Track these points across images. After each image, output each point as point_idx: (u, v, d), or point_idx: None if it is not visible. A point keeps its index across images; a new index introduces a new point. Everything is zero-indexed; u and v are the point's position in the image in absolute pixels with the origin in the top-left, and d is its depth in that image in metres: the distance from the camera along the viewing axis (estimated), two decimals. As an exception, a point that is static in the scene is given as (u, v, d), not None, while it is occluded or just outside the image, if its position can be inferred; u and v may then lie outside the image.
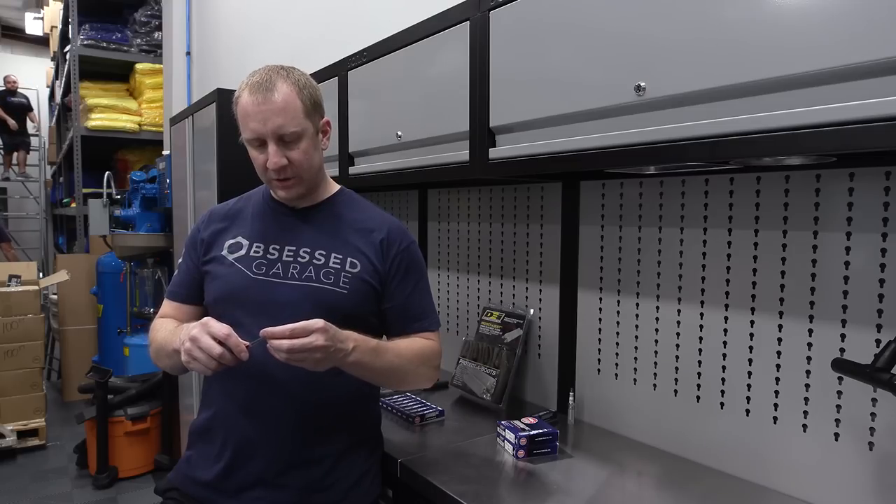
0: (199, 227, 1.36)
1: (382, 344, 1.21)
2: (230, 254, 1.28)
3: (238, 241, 1.29)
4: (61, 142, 7.55)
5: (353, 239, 1.28)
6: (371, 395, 1.34)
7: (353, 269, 1.25)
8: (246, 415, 1.22)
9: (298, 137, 1.19)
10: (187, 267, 1.34)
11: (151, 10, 5.90)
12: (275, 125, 1.16)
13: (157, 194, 3.74)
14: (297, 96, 1.19)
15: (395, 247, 1.29)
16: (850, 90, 0.76)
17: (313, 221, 1.31)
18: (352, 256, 1.26)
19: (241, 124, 1.21)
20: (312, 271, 1.24)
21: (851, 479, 1.08)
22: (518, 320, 1.73)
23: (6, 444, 3.70)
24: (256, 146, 1.21)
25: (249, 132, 1.19)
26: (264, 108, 1.16)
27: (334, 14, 2.78)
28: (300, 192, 1.26)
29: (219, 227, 1.33)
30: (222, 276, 1.26)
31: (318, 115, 1.25)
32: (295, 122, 1.18)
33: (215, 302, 1.28)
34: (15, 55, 11.16)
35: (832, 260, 1.10)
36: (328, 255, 1.25)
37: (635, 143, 1.02)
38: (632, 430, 1.47)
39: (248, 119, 1.18)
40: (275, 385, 1.20)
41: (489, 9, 1.32)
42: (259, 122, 1.16)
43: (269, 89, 1.17)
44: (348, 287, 1.23)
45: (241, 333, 1.12)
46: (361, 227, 1.30)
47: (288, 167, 1.20)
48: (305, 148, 1.21)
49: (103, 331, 4.55)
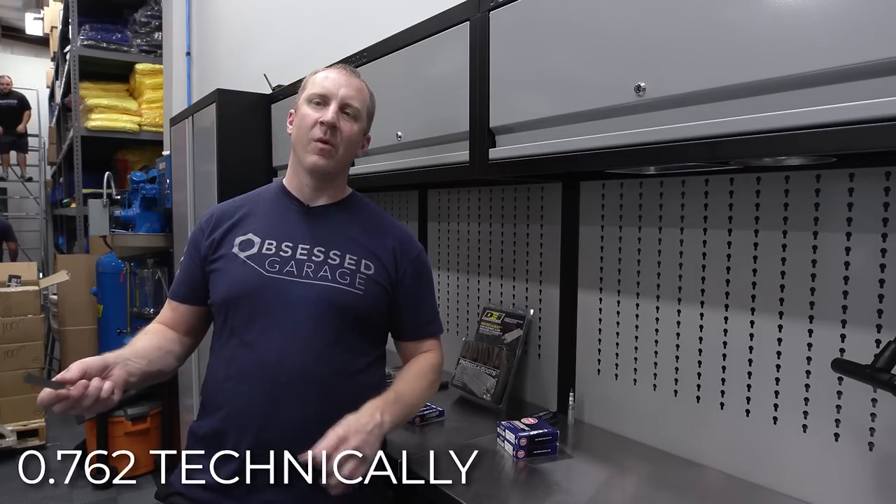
0: (202, 227, 1.34)
1: (398, 389, 1.23)
2: (241, 251, 1.25)
3: (249, 239, 1.27)
4: (61, 142, 7.55)
5: (367, 242, 1.29)
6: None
7: (368, 270, 1.26)
8: (261, 416, 1.19)
9: (355, 118, 1.28)
10: (188, 267, 1.33)
11: (151, 10, 5.91)
12: (346, 94, 1.26)
13: (157, 194, 3.74)
14: (368, 95, 1.33)
15: (408, 256, 1.32)
16: (851, 90, 0.76)
17: (327, 220, 1.31)
18: (366, 259, 1.27)
19: (311, 84, 1.29)
20: (328, 271, 1.23)
21: (851, 479, 1.08)
22: (518, 320, 1.73)
23: (6, 445, 3.70)
24: (316, 104, 1.26)
25: (319, 89, 1.26)
26: (344, 80, 1.27)
27: (334, 14, 2.78)
28: (328, 164, 1.26)
29: (227, 224, 1.30)
30: (233, 275, 1.24)
31: (369, 122, 1.36)
32: (361, 104, 1.29)
33: (224, 301, 1.24)
34: (15, 55, 11.17)
35: (832, 260, 1.10)
36: (342, 256, 1.26)
37: (635, 143, 1.02)
38: (632, 430, 1.47)
39: (325, 80, 1.27)
40: (290, 387, 1.18)
41: (489, 9, 1.32)
42: (335, 85, 1.26)
43: (355, 74, 1.32)
44: (363, 288, 1.24)
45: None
46: (374, 231, 1.32)
47: (336, 132, 1.25)
48: (355, 131, 1.28)
49: (103, 331, 4.55)
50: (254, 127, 2.46)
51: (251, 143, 2.45)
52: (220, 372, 1.24)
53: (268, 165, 2.47)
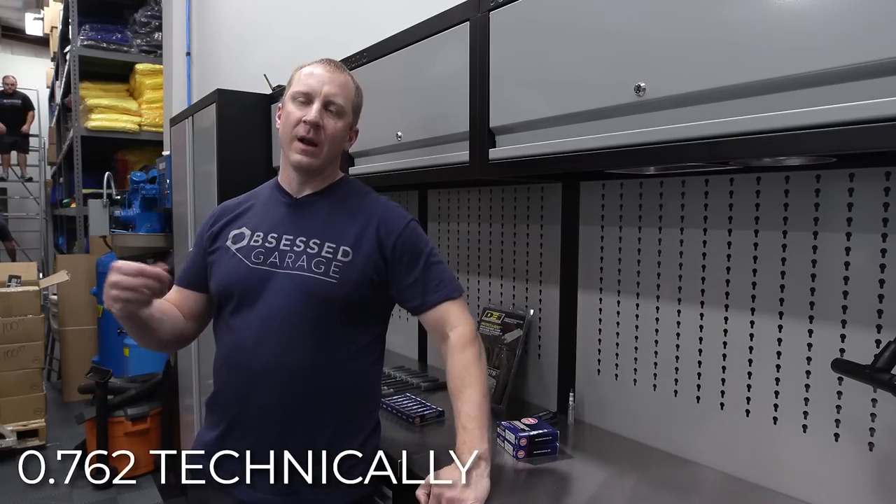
0: (206, 221, 1.41)
1: (463, 413, 1.20)
2: (233, 244, 1.31)
3: (241, 232, 1.32)
4: (61, 142, 7.55)
5: (349, 227, 1.29)
6: (366, 393, 1.33)
7: (345, 257, 1.25)
8: (235, 402, 1.26)
9: (339, 115, 1.28)
10: (193, 257, 1.40)
11: (151, 10, 5.91)
12: (330, 91, 1.26)
13: (157, 195, 3.75)
14: (354, 89, 1.32)
15: (393, 232, 1.28)
16: (851, 91, 0.76)
17: (311, 210, 1.32)
18: (345, 245, 1.26)
19: (295, 81, 1.29)
20: (305, 260, 1.25)
21: (851, 480, 1.08)
22: (518, 320, 1.73)
23: (6, 445, 3.70)
24: (300, 102, 1.26)
25: (303, 86, 1.26)
26: (328, 77, 1.27)
27: (334, 14, 2.78)
28: (314, 162, 1.28)
29: (227, 219, 1.37)
30: (224, 267, 1.30)
31: (355, 117, 1.35)
32: (345, 101, 1.29)
33: (217, 291, 1.32)
34: (15, 56, 11.17)
35: (832, 260, 1.10)
36: (321, 244, 1.27)
37: (635, 143, 1.02)
38: (632, 430, 1.47)
39: (309, 77, 1.27)
40: (261, 376, 1.23)
41: (489, 9, 1.32)
42: (318, 82, 1.26)
43: (340, 69, 1.30)
44: (338, 276, 1.24)
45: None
46: (356, 215, 1.31)
47: (319, 131, 1.26)
48: (339, 127, 1.29)
49: (103, 331, 4.55)
50: (254, 127, 2.46)
51: (251, 143, 2.45)
52: (216, 356, 1.34)
53: (268, 165, 2.47)
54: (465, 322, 1.26)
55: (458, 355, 1.24)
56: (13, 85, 8.19)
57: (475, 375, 1.22)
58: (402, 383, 1.92)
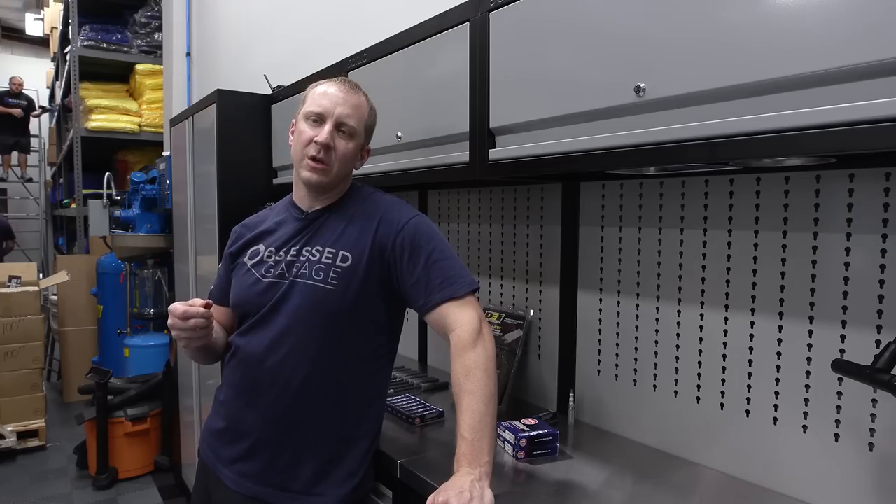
0: (229, 240, 1.47)
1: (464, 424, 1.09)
2: (249, 260, 1.36)
3: (258, 248, 1.37)
4: (61, 143, 7.55)
5: (351, 231, 1.29)
6: (371, 396, 1.33)
7: (344, 262, 1.25)
8: (240, 405, 1.31)
9: (351, 136, 1.30)
10: (221, 273, 1.47)
11: (151, 10, 5.91)
12: (343, 112, 1.28)
13: (157, 195, 3.75)
14: (368, 110, 1.34)
15: (394, 230, 1.26)
16: (851, 91, 0.76)
17: (321, 223, 1.33)
18: (344, 250, 1.26)
19: (309, 100, 1.30)
20: (307, 268, 1.27)
21: (851, 480, 1.08)
22: (518, 321, 1.73)
23: (6, 445, 3.70)
24: (313, 121, 1.28)
25: (317, 106, 1.28)
26: (342, 97, 1.28)
27: (334, 15, 2.78)
28: (323, 180, 1.29)
29: (246, 238, 1.42)
30: (240, 282, 1.36)
31: (368, 137, 1.37)
32: (357, 122, 1.30)
33: (233, 304, 1.38)
34: (15, 56, 11.17)
35: (832, 260, 1.10)
36: (322, 251, 1.28)
37: (635, 143, 1.02)
38: (632, 430, 1.47)
39: (323, 97, 1.28)
40: (263, 383, 1.27)
41: (489, 10, 1.32)
42: (332, 102, 1.27)
43: (355, 90, 1.32)
44: (337, 282, 1.24)
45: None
46: (360, 219, 1.31)
47: (330, 151, 1.27)
48: (350, 148, 1.30)
49: (103, 332, 4.56)
50: (254, 127, 2.46)
51: (251, 144, 2.45)
52: (226, 362, 1.39)
53: (268, 166, 2.47)
54: (466, 323, 1.17)
55: (456, 360, 1.16)
56: (20, 86, 8.22)
57: (477, 380, 1.12)
58: (402, 383, 1.92)
